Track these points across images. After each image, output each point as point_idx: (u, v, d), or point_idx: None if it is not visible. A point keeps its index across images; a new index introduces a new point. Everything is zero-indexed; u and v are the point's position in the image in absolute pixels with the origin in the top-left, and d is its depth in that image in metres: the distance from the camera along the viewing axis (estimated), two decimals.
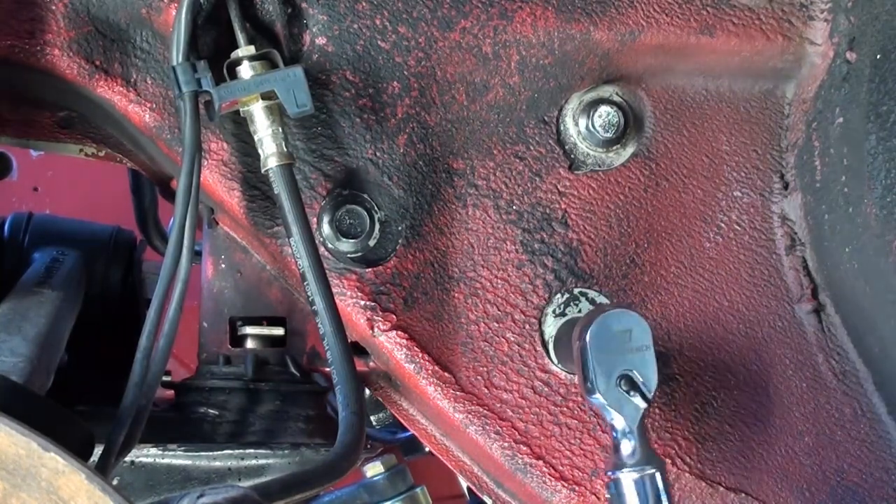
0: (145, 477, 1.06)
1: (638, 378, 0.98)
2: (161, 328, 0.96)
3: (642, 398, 0.98)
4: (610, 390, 0.98)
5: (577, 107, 1.13)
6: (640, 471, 0.97)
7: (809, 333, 1.17)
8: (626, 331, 0.99)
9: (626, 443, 0.98)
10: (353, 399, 0.98)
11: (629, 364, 0.98)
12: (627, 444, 0.98)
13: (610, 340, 0.98)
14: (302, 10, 1.06)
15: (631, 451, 0.98)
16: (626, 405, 0.98)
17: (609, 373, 0.98)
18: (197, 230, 1.00)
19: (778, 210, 1.19)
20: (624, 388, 0.98)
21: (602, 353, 0.98)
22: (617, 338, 0.98)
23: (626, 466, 0.98)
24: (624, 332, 0.99)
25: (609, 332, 0.98)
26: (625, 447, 0.98)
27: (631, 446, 0.98)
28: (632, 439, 0.98)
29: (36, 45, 1.03)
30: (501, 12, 1.10)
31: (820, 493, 1.14)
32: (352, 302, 1.08)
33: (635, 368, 0.98)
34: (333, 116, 1.08)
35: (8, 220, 1.35)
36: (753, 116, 1.19)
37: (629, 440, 0.98)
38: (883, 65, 1.07)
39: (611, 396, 0.98)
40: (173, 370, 1.15)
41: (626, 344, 0.99)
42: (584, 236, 1.14)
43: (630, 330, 0.99)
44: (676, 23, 1.13)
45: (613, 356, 0.98)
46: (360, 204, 1.07)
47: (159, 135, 1.06)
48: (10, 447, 0.64)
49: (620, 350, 0.98)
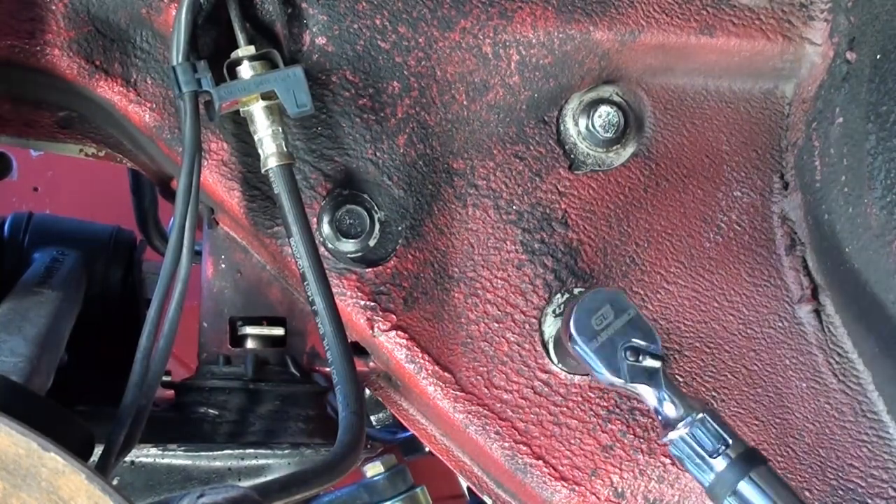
0: (145, 477, 1.06)
1: (639, 343, 0.99)
2: (161, 328, 0.96)
3: (653, 357, 0.99)
4: (621, 369, 0.99)
5: (577, 107, 1.13)
6: (689, 423, 0.98)
7: (809, 333, 1.17)
8: (603, 309, 0.99)
9: (667, 405, 0.99)
10: (353, 399, 0.98)
11: (624, 335, 0.99)
12: (668, 406, 0.99)
13: (595, 326, 0.99)
14: (302, 10, 1.06)
15: (673, 410, 0.99)
16: (643, 373, 0.99)
17: (612, 354, 0.99)
18: (197, 230, 1.00)
19: (778, 210, 1.19)
20: (631, 359, 0.99)
21: (594, 341, 0.99)
22: (599, 320, 0.99)
23: (677, 423, 0.99)
24: (603, 311, 0.99)
25: (590, 320, 0.99)
26: (667, 408, 0.99)
27: (671, 406, 0.99)
28: (665, 398, 0.99)
29: (36, 45, 1.03)
30: (501, 12, 1.10)
31: (820, 493, 1.14)
32: (352, 302, 1.08)
33: (631, 336, 0.99)
34: (333, 116, 1.08)
35: (8, 220, 1.35)
36: (753, 116, 1.19)
37: (667, 401, 0.99)
38: (883, 65, 1.07)
39: (626, 374, 0.99)
40: (173, 370, 1.15)
41: (611, 320, 0.99)
42: (584, 236, 1.14)
43: (607, 306, 1.00)
44: (676, 23, 1.13)
45: (606, 337, 0.99)
46: (360, 204, 1.07)
47: (159, 135, 1.06)
48: (10, 447, 0.64)
49: (608, 328, 0.99)
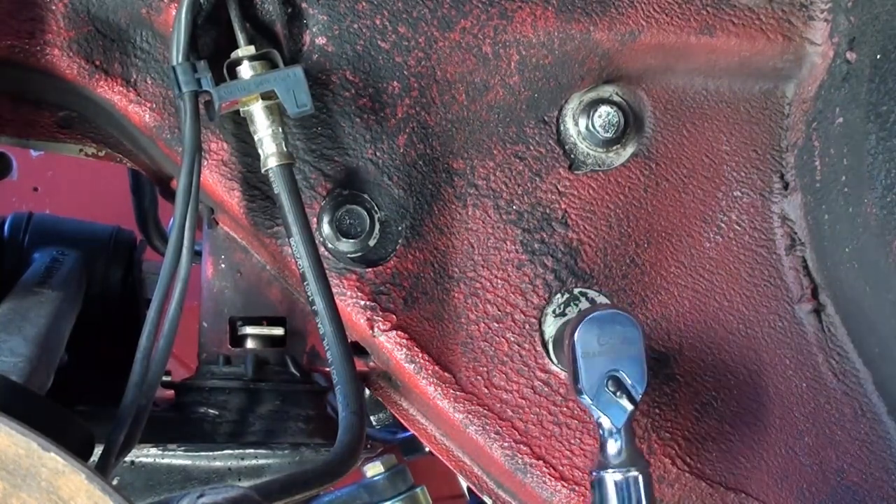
0: (145, 477, 1.06)
1: (626, 380, 0.98)
2: (161, 328, 0.96)
3: (629, 400, 0.98)
4: (597, 391, 0.98)
5: (577, 107, 1.13)
6: (623, 472, 0.98)
7: (809, 333, 1.17)
8: (616, 332, 0.99)
9: (612, 443, 0.99)
10: (353, 399, 0.98)
11: (618, 365, 0.99)
12: (613, 445, 0.99)
13: (598, 341, 0.99)
14: (302, 10, 1.06)
15: (616, 452, 0.99)
16: (612, 406, 0.98)
17: (597, 373, 0.98)
18: (197, 230, 1.00)
19: (778, 210, 1.19)
20: (611, 388, 0.98)
21: (590, 353, 0.98)
22: (606, 338, 0.99)
23: (611, 466, 0.98)
24: (614, 333, 0.99)
25: (598, 332, 0.99)
26: (610, 447, 0.99)
27: (616, 447, 0.99)
28: (617, 440, 0.99)
29: (36, 45, 1.03)
30: (501, 12, 1.10)
31: (820, 493, 1.14)
32: (352, 302, 1.08)
33: (623, 370, 0.99)
34: (333, 116, 1.08)
35: (8, 220, 1.35)
36: (753, 116, 1.19)
37: (615, 440, 0.99)
38: (883, 65, 1.07)
39: (598, 397, 0.98)
40: (173, 370, 1.15)
41: (616, 345, 0.99)
42: (584, 236, 1.14)
43: (621, 331, 0.99)
44: (676, 23, 1.13)
45: (602, 357, 0.98)
46: (360, 204, 1.07)
47: (159, 135, 1.06)
48: (10, 447, 0.64)
49: (609, 351, 0.99)
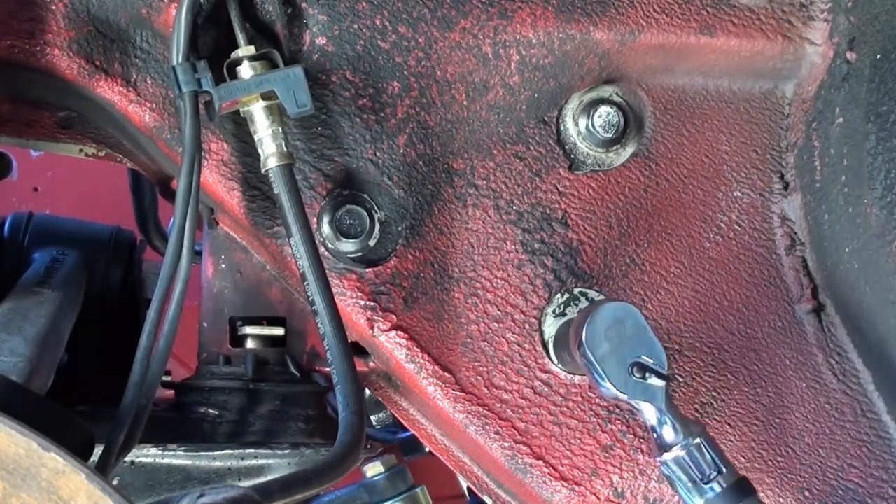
0: (145, 477, 1.06)
1: (647, 360, 0.98)
2: (161, 328, 0.96)
3: (658, 377, 0.98)
4: (626, 384, 0.98)
5: (577, 107, 1.13)
6: (685, 446, 0.97)
7: (809, 333, 1.17)
8: (618, 322, 0.99)
9: (664, 427, 0.98)
10: (353, 399, 0.98)
11: (634, 351, 0.98)
12: (665, 428, 0.98)
13: (606, 338, 0.98)
14: (302, 10, 1.06)
15: (671, 431, 0.98)
16: (647, 391, 0.98)
17: (619, 369, 0.98)
18: (197, 230, 1.00)
19: (778, 210, 1.19)
20: (638, 375, 0.98)
21: (604, 352, 0.98)
22: (612, 332, 0.98)
23: (672, 446, 0.98)
24: (617, 324, 0.99)
25: (603, 330, 0.98)
26: (665, 429, 0.98)
27: (668, 427, 0.98)
28: (665, 420, 0.98)
29: (36, 45, 1.03)
30: (501, 12, 1.10)
31: (820, 493, 1.14)
32: (352, 302, 1.08)
33: (641, 353, 0.98)
34: (333, 116, 1.08)
35: (8, 220, 1.35)
36: (753, 116, 1.19)
37: (663, 421, 0.98)
38: (883, 65, 1.07)
39: (630, 390, 0.98)
40: (173, 370, 1.15)
41: (623, 333, 0.99)
42: (584, 236, 1.14)
43: (620, 318, 0.99)
44: (676, 23, 1.13)
45: (616, 351, 0.98)
46: (360, 204, 1.07)
47: (159, 135, 1.06)
48: (10, 447, 0.64)
49: (620, 342, 0.98)
